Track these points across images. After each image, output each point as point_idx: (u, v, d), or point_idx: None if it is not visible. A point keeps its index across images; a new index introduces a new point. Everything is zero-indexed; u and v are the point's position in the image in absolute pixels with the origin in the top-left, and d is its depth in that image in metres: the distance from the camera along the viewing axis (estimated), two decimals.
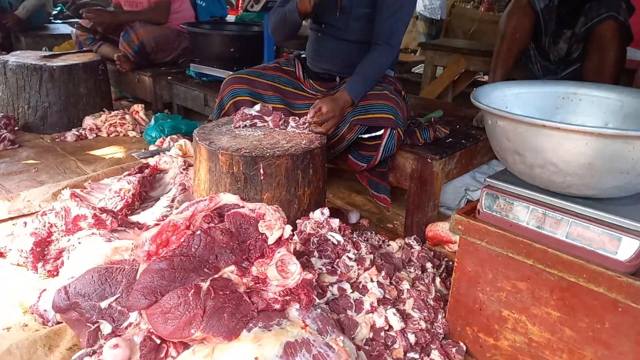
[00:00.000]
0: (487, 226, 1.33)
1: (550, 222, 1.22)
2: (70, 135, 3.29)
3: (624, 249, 1.12)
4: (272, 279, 1.34)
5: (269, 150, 1.76)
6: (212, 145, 1.80)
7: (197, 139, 1.87)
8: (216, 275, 1.31)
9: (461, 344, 1.51)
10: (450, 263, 1.93)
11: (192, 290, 1.24)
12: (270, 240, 1.37)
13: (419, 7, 5.76)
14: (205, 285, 1.27)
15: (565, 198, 1.21)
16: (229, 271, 1.34)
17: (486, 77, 4.93)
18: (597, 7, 2.16)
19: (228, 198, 1.41)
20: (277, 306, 1.32)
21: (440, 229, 2.07)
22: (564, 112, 1.42)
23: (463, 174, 2.27)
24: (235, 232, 1.37)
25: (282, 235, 1.38)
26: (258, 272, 1.35)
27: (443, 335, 1.55)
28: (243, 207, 1.40)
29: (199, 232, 1.33)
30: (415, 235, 1.97)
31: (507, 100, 1.41)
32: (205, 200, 1.39)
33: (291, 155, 1.77)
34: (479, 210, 1.37)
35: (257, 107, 2.05)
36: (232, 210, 1.38)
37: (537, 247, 1.23)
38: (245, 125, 2.01)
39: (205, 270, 1.31)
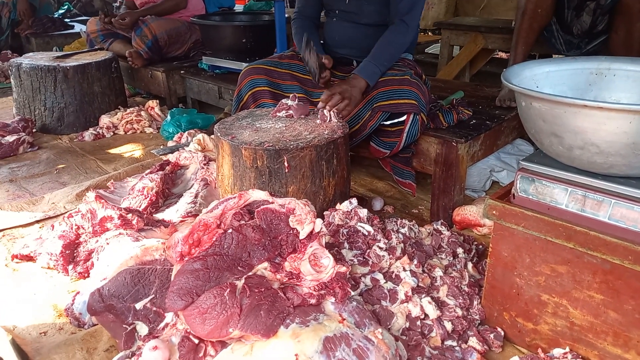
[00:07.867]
0: (523, 210, 1.29)
1: (591, 204, 1.18)
2: (87, 135, 3.29)
3: None
4: (305, 274, 1.33)
5: (292, 143, 1.74)
6: (234, 140, 1.78)
7: (219, 134, 1.85)
8: (250, 273, 1.30)
9: (499, 329, 1.49)
10: (480, 247, 1.90)
11: (228, 289, 1.24)
12: (302, 235, 1.35)
13: None
14: (240, 283, 1.26)
15: (606, 178, 1.17)
16: (263, 268, 1.32)
17: (502, 54, 4.82)
18: None
19: (257, 194, 1.39)
20: (313, 301, 1.31)
21: (467, 212, 2.04)
22: (598, 89, 1.37)
23: (488, 155, 2.23)
24: (267, 228, 1.36)
25: (313, 229, 1.36)
26: (291, 268, 1.34)
27: (479, 322, 1.53)
28: (272, 202, 1.38)
29: (230, 230, 1.32)
30: (442, 220, 1.94)
31: (538, 79, 1.36)
32: (234, 197, 1.37)
33: (315, 146, 1.74)
34: (513, 194, 1.33)
35: (296, 101, 2.04)
36: (262, 207, 1.37)
37: (578, 230, 1.19)
38: (282, 116, 2.00)
39: (239, 268, 1.30)
